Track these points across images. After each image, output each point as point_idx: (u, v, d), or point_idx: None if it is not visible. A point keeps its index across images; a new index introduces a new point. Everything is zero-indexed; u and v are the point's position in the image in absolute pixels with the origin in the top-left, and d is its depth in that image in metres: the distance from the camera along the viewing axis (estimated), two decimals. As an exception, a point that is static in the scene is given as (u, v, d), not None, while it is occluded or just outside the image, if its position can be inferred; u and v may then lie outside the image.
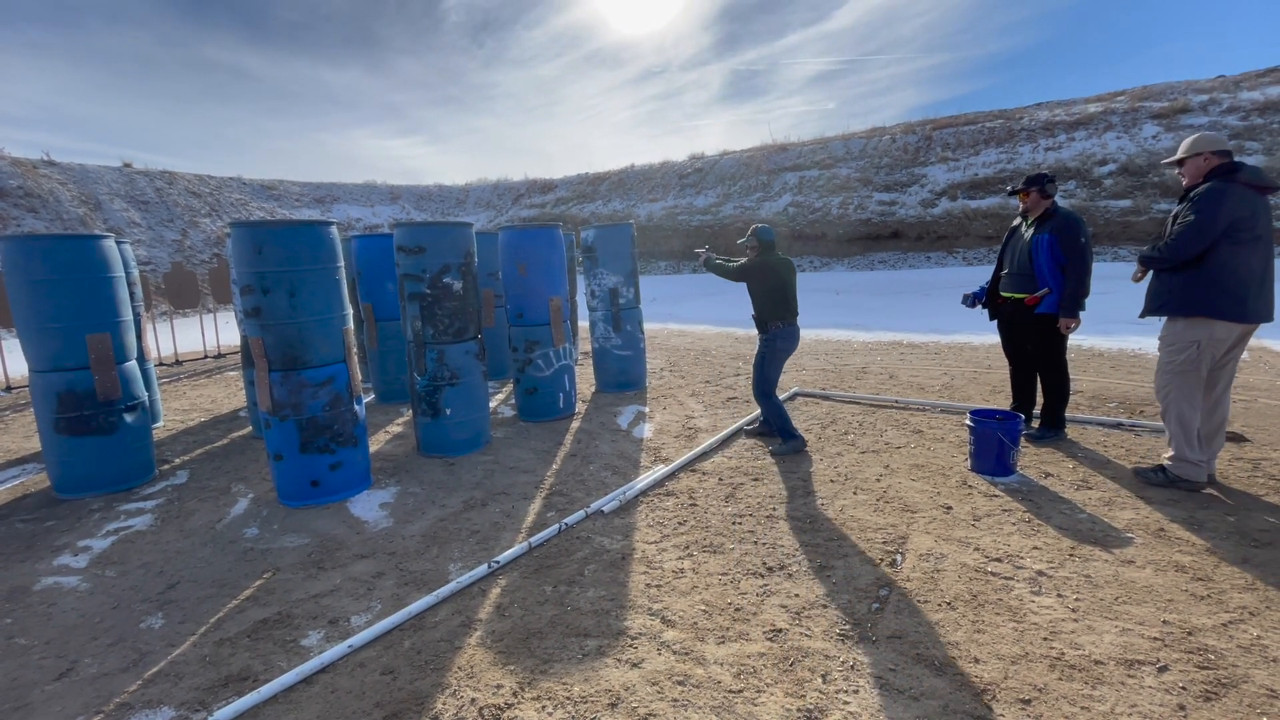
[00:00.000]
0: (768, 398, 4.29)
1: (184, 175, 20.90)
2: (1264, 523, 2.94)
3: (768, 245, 4.26)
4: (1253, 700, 1.89)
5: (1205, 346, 3.21)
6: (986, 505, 3.31)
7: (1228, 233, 3.08)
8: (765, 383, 4.27)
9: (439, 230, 4.42)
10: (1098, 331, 7.74)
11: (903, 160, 18.45)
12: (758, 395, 4.33)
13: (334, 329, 3.75)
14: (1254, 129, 13.78)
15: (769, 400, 4.29)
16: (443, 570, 2.94)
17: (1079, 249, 3.88)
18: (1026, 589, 2.53)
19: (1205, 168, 3.25)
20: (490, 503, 3.70)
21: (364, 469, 4.01)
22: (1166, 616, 2.30)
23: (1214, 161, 3.23)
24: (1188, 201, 3.23)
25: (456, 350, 4.48)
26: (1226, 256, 3.11)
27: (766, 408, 4.32)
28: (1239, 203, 3.07)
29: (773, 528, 3.19)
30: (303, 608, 2.67)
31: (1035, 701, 1.93)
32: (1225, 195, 3.09)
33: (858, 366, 6.89)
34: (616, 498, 3.58)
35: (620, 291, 6.19)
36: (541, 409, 5.40)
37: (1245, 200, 3.09)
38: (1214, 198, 3.11)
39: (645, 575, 2.80)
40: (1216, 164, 3.22)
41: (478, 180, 28.70)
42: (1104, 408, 4.89)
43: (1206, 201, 3.12)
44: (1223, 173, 3.18)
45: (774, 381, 4.28)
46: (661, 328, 10.92)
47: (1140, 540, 2.85)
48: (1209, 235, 3.10)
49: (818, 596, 2.56)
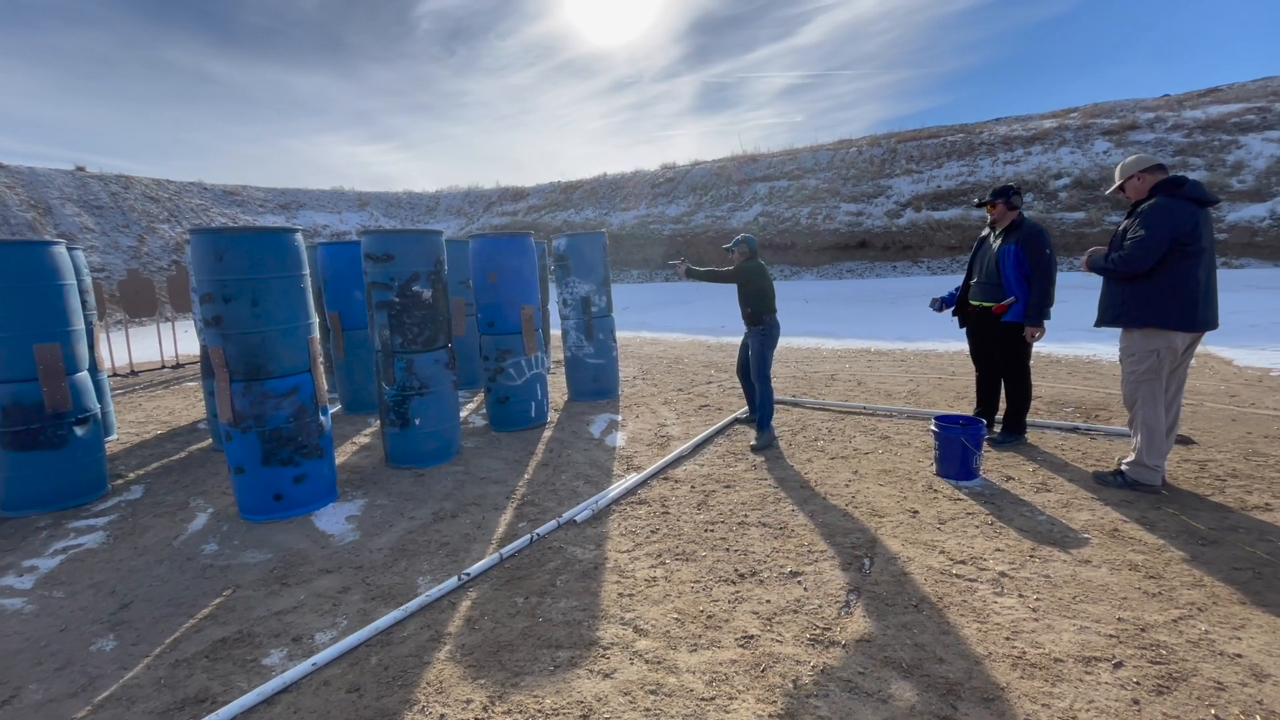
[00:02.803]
0: (768, 380, 4.72)
1: (141, 179, 20.25)
2: (1210, 521, 3.07)
3: (755, 252, 4.74)
4: (1201, 693, 1.96)
5: (1164, 354, 3.35)
6: (951, 509, 3.38)
7: (1174, 246, 3.23)
8: (766, 366, 4.72)
9: (408, 238, 4.36)
10: (1055, 339, 8.00)
11: (869, 172, 18.88)
12: (758, 378, 4.73)
13: (298, 338, 3.67)
14: (1196, 145, 14.47)
15: (768, 383, 4.71)
16: (411, 584, 2.88)
17: (1044, 259, 4.00)
18: (989, 590, 2.59)
19: (1145, 185, 3.40)
20: (460, 514, 3.65)
21: (330, 481, 3.92)
22: (1121, 614, 2.38)
23: (1151, 179, 3.39)
24: (1136, 217, 3.37)
25: (426, 359, 4.42)
26: (1174, 269, 3.25)
27: (764, 390, 4.70)
28: (1184, 217, 3.22)
29: (744, 534, 3.21)
30: (264, 625, 2.59)
31: (998, 700, 1.97)
32: (1171, 211, 3.24)
33: (827, 373, 7.00)
34: (589, 507, 3.56)
35: (593, 300, 6.19)
36: (513, 418, 5.35)
37: (1189, 214, 3.24)
38: (1161, 213, 3.25)
39: (618, 584, 2.79)
40: (1157, 180, 3.37)
41: (448, 187, 28.44)
42: (1061, 412, 5.05)
43: (1155, 217, 3.26)
44: (1167, 187, 3.33)
45: (770, 365, 4.75)
46: (634, 336, 10.95)
47: (1096, 540, 2.95)
48: (1158, 250, 3.24)
49: (788, 602, 2.58)
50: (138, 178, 20.21)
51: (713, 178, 21.55)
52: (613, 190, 23.60)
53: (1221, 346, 6.94)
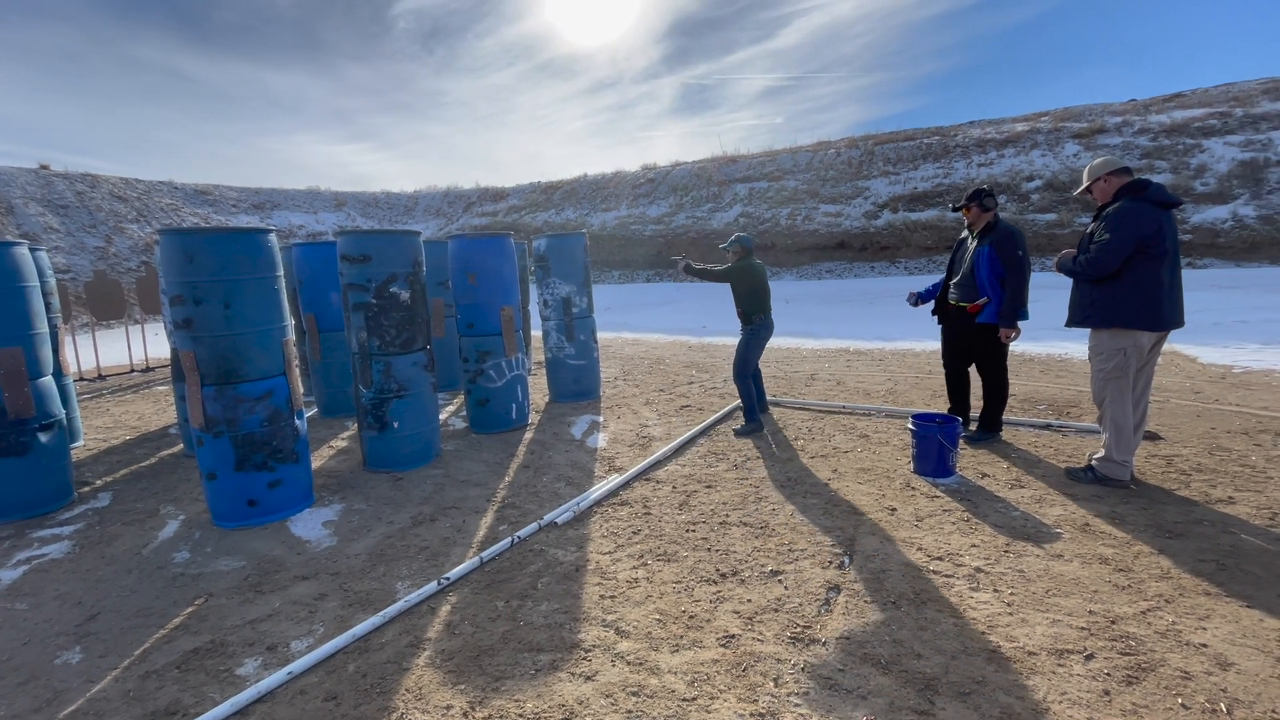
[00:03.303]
0: (744, 378, 4.88)
1: (108, 178, 19.73)
2: (1176, 515, 3.15)
3: (749, 251, 4.91)
4: (1169, 683, 2.01)
5: (1130, 353, 3.44)
6: (928, 506, 3.43)
7: (1139, 249, 3.32)
8: (745, 364, 4.88)
9: (385, 238, 4.31)
10: (1028, 338, 8.17)
11: (847, 173, 19.10)
12: (736, 375, 4.90)
13: (273, 341, 3.60)
14: (1162, 149, 14.89)
15: (744, 380, 4.88)
16: (390, 589, 2.85)
17: (1016, 261, 4.07)
18: (965, 585, 2.63)
19: (1112, 187, 3.49)
20: (440, 518, 3.62)
21: (306, 486, 3.86)
22: (1092, 607, 2.44)
23: (1117, 182, 3.47)
24: (1102, 220, 3.46)
25: (404, 361, 4.37)
26: (1140, 271, 3.34)
27: (741, 386, 4.88)
28: (1148, 220, 3.31)
29: (726, 534, 3.23)
30: (238, 634, 2.54)
31: (974, 694, 2.01)
32: (1135, 215, 3.32)
33: (807, 373, 7.06)
34: (570, 509, 3.55)
35: (573, 301, 6.17)
36: (494, 420, 5.31)
37: (1153, 217, 3.32)
38: (1125, 217, 3.34)
39: (599, 586, 2.78)
40: (1122, 183, 3.46)
41: (427, 188, 28.18)
42: (1034, 410, 5.16)
43: (1119, 221, 3.35)
44: (1131, 191, 3.41)
45: (753, 364, 4.93)
46: (615, 337, 10.94)
47: (1068, 535, 3.01)
48: (1123, 253, 3.33)
49: (769, 601, 2.60)
50: (105, 176, 19.70)
51: (693, 179, 21.63)
52: (594, 191, 23.57)
53: (1186, 345, 7.14)
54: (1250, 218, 12.78)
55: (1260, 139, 13.87)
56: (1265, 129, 14.05)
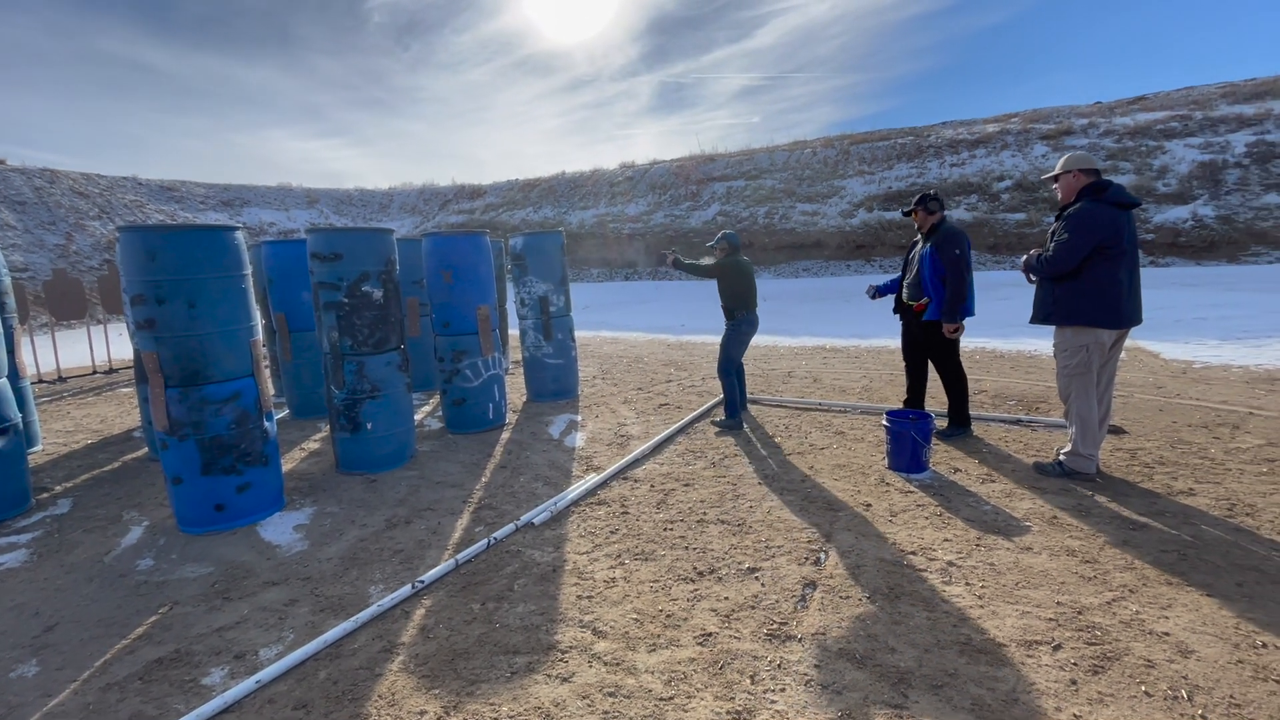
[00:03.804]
0: (728, 374, 4.98)
1: (68, 174, 19.10)
2: (1140, 507, 3.24)
3: (736, 248, 5.02)
4: (1133, 671, 2.07)
5: (1092, 349, 3.53)
6: (902, 501, 3.48)
7: (1098, 249, 3.40)
8: (728, 360, 4.97)
9: (357, 236, 4.23)
10: (998, 335, 8.34)
11: (823, 173, 19.29)
12: (720, 370, 5.00)
13: (240, 341, 3.52)
14: (1126, 150, 15.30)
15: (728, 376, 4.98)
16: (363, 593, 2.80)
17: (954, 260, 4.23)
18: (938, 579, 2.67)
19: (1076, 185, 3.58)
20: (415, 520, 3.56)
21: (276, 490, 3.77)
22: (1060, 598, 2.49)
23: (1083, 180, 3.56)
24: (1062, 220, 3.55)
25: (377, 361, 4.30)
26: (1099, 270, 3.43)
27: (725, 381, 4.98)
28: (1106, 221, 3.40)
29: (703, 532, 3.23)
30: (204, 643, 2.47)
31: (946, 686, 2.04)
32: (1094, 215, 3.41)
33: (784, 371, 7.12)
34: (547, 509, 3.53)
35: (551, 299, 6.13)
36: (470, 420, 5.26)
37: (1111, 218, 3.41)
38: (1084, 218, 3.42)
39: (576, 587, 2.76)
40: (1086, 182, 3.55)
41: (403, 185, 27.81)
42: (1005, 405, 5.26)
43: (1078, 222, 3.43)
44: (1092, 191, 3.50)
45: (736, 360, 5.02)
46: (594, 335, 10.91)
47: (1037, 528, 3.08)
48: (1081, 252, 3.41)
49: (746, 598, 2.61)
50: (65, 172, 19.06)
51: (671, 177, 21.66)
52: (571, 189, 23.47)
53: (1149, 341, 7.35)
54: (1209, 218, 13.20)
55: (1219, 141, 14.33)
56: (1223, 131, 14.53)
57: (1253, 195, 13.10)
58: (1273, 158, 13.38)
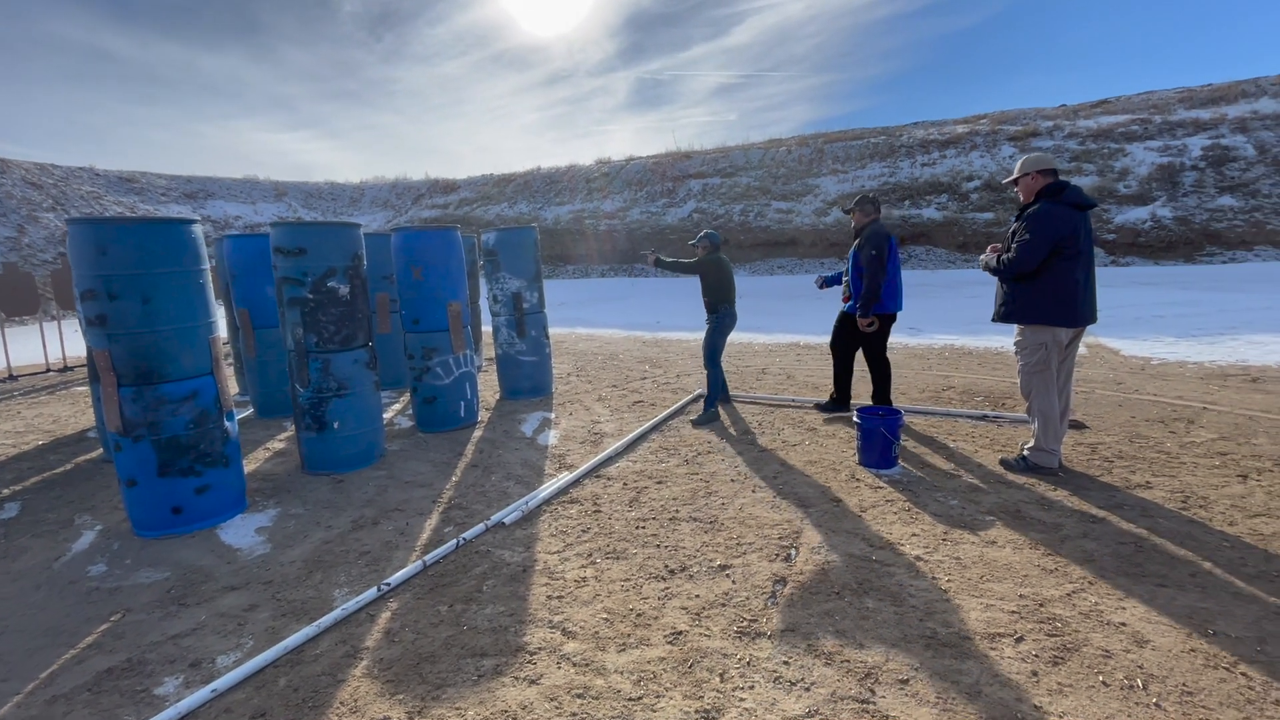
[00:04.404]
0: (715, 364, 5.14)
1: (20, 164, 18.33)
2: (1099, 500, 3.32)
3: (717, 246, 5.21)
4: (1091, 661, 2.11)
5: (1051, 347, 3.61)
6: (872, 497, 3.52)
7: (1055, 249, 3.48)
8: (714, 350, 5.14)
9: (322, 231, 4.13)
10: (967, 332, 8.51)
11: (798, 171, 19.45)
12: (707, 362, 5.16)
13: (198, 338, 3.40)
14: (1089, 152, 15.72)
15: (715, 367, 5.15)
16: (326, 597, 2.73)
17: (870, 260, 4.57)
18: (905, 574, 2.71)
19: (1035, 186, 3.65)
20: (382, 521, 3.49)
21: (237, 491, 3.67)
22: (1022, 590, 2.54)
23: (1041, 181, 3.63)
24: (1023, 221, 3.61)
25: (344, 359, 4.20)
26: (1057, 270, 3.51)
27: (711, 372, 5.15)
28: (1063, 222, 3.47)
29: (675, 530, 3.23)
30: (158, 651, 2.39)
31: (912, 680, 2.06)
32: (1053, 216, 3.48)
33: (758, 368, 7.16)
34: (518, 508, 3.49)
35: (524, 296, 6.07)
36: (441, 419, 5.18)
37: (1069, 219, 3.49)
38: (1042, 220, 3.49)
39: (546, 587, 2.73)
40: (1044, 184, 3.62)
41: (374, 178, 27.30)
42: (972, 401, 5.36)
43: (1036, 223, 3.50)
44: (1050, 193, 3.57)
45: (720, 350, 5.17)
46: (569, 332, 10.84)
47: (1001, 522, 3.14)
48: (1041, 253, 3.49)
49: (717, 596, 2.61)
50: (16, 162, 18.29)
51: (648, 174, 21.63)
52: (547, 184, 23.30)
53: (1110, 338, 7.56)
54: (1167, 218, 13.64)
55: (1176, 144, 14.81)
56: (1181, 135, 15.01)
57: (1208, 197, 13.57)
58: (1227, 161, 13.87)
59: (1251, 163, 13.74)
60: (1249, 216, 13.02)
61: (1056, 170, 3.67)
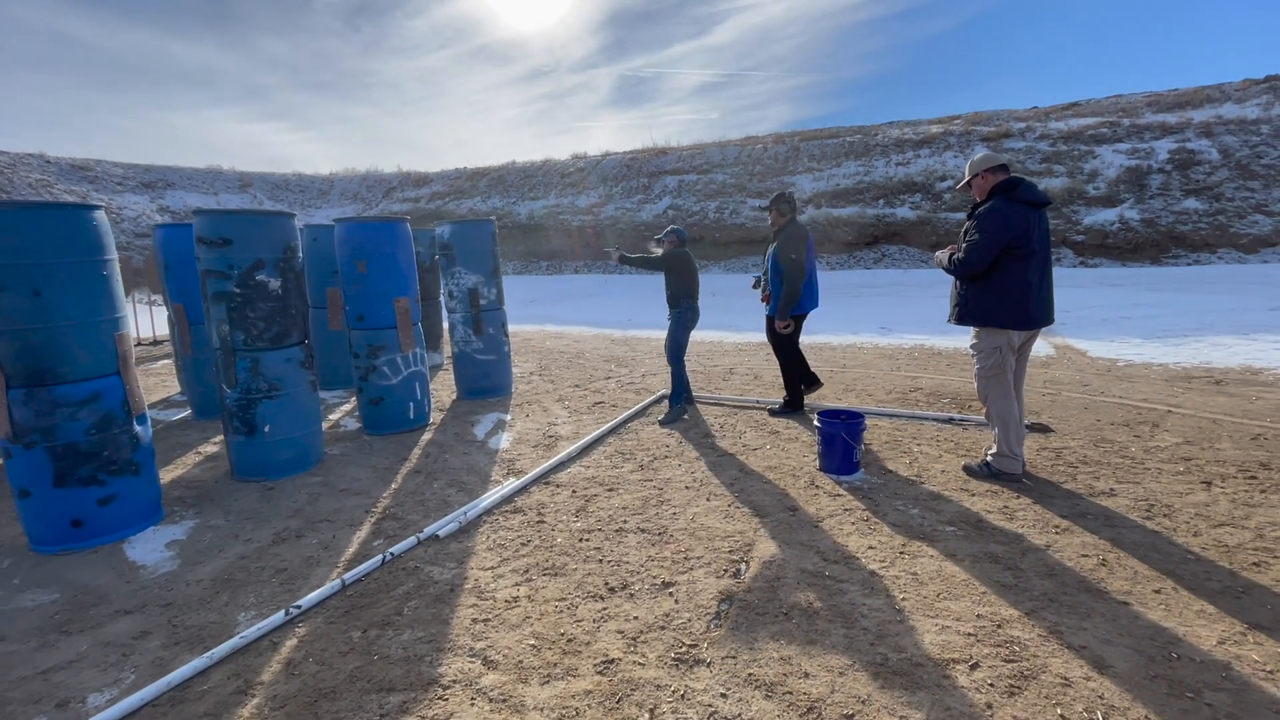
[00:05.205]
0: (678, 362, 5.07)
1: (-36, 149, 17.46)
2: (1063, 508, 3.20)
3: (683, 241, 5.14)
4: (1049, 691, 1.96)
5: (1005, 350, 3.49)
6: (830, 505, 3.36)
7: (1008, 249, 3.34)
8: (678, 348, 5.06)
9: (249, 220, 3.84)
10: (936, 333, 8.44)
11: (774, 169, 19.36)
12: (671, 359, 5.08)
13: (101, 335, 3.11)
14: (1059, 154, 15.85)
15: (680, 364, 5.08)
16: (229, 622, 2.48)
17: (788, 262, 4.54)
18: (859, 591, 2.54)
19: (987, 185, 3.50)
20: (308, 533, 3.24)
21: (150, 501, 3.38)
22: (980, 609, 2.39)
23: (993, 179, 3.48)
24: (974, 219, 3.47)
25: (275, 357, 3.93)
26: (1008, 271, 3.37)
27: (676, 368, 5.08)
28: (1016, 220, 3.32)
29: (621, 542, 3.03)
30: (22, 690, 2.12)
31: (857, 715, 1.89)
32: (1004, 214, 3.34)
33: (725, 367, 6.99)
34: (455, 519, 3.25)
35: (481, 292, 5.82)
36: (389, 420, 4.92)
37: (1021, 217, 3.34)
38: (994, 217, 3.35)
39: (473, 608, 2.52)
40: (996, 180, 3.47)
41: (345, 171, 26.61)
42: (939, 403, 5.25)
43: (987, 222, 3.36)
44: (1003, 189, 3.43)
45: (684, 347, 5.08)
46: (538, 329, 10.59)
47: (962, 533, 2.99)
48: (991, 253, 3.35)
49: (657, 618, 2.42)
50: (-41, 146, 17.41)
51: (623, 169, 21.38)
52: (522, 179, 22.92)
53: (1078, 339, 7.54)
54: (1134, 220, 13.80)
55: (1144, 147, 14.99)
56: (1148, 138, 15.20)
57: (1174, 200, 13.75)
58: (1192, 165, 14.07)
59: (1216, 166, 13.95)
60: (1213, 220, 13.22)
61: (1008, 166, 3.53)
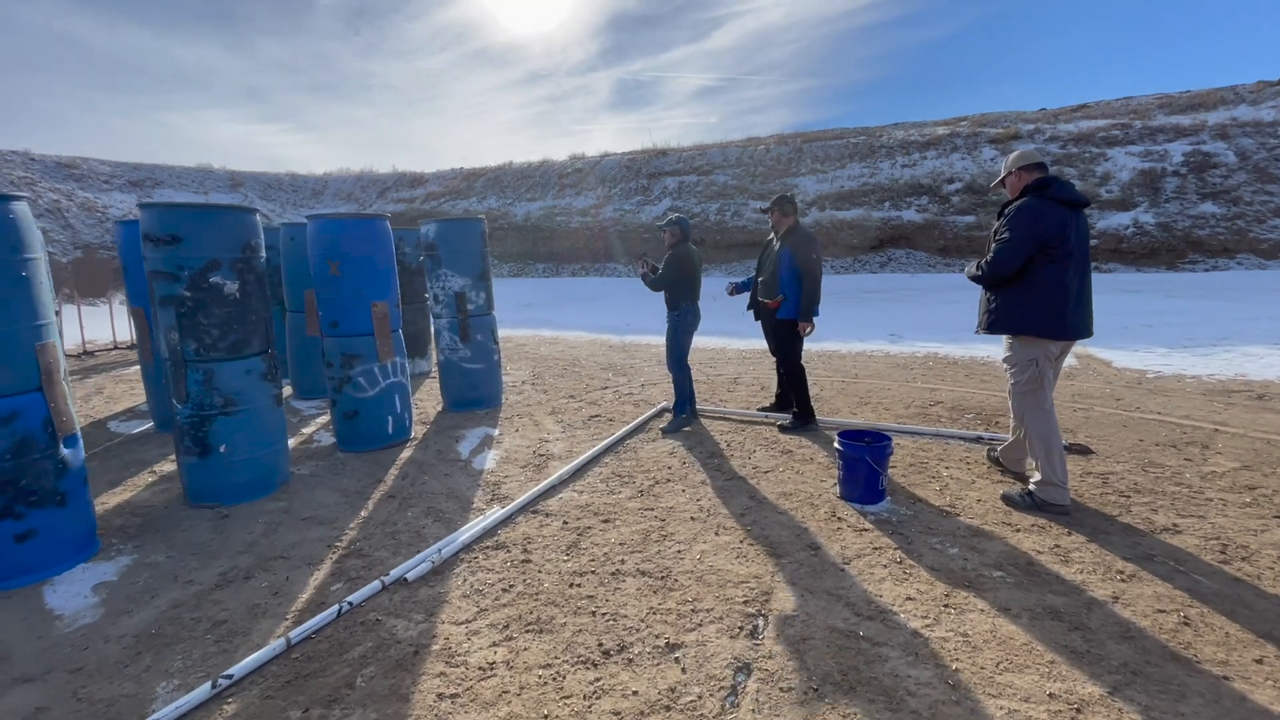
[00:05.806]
0: (681, 368, 4.77)
1: (-54, 145, 17.03)
2: (1123, 549, 2.80)
3: (687, 234, 4.75)
4: (1158, 809, 1.55)
5: (1043, 363, 3.16)
6: (856, 543, 2.95)
7: (1042, 250, 3.02)
8: (680, 352, 4.75)
9: (201, 215, 3.44)
10: (950, 340, 8.04)
11: (776, 170, 19.00)
12: (672, 364, 4.78)
13: (17, 346, 2.69)
14: (1070, 156, 15.50)
15: (683, 370, 4.77)
16: (146, 695, 2.06)
17: (809, 263, 4.32)
18: (901, 658, 2.13)
19: (1020, 183, 3.21)
20: (257, 573, 2.82)
21: (80, 534, 2.96)
22: (1051, 686, 1.98)
23: (1027, 177, 3.19)
24: (1004, 218, 3.17)
25: (232, 369, 3.51)
26: (1044, 274, 3.04)
27: (678, 375, 4.77)
28: (1049, 219, 3.01)
29: (618, 589, 2.62)
30: None
31: (919, 846, 1.47)
32: (1035, 212, 3.03)
33: (730, 377, 6.59)
34: (427, 559, 2.84)
35: (469, 296, 5.41)
36: (365, 436, 4.50)
37: (1056, 215, 3.02)
38: (1025, 215, 3.04)
39: (440, 678, 2.10)
40: (1030, 179, 3.17)
41: (339, 170, 26.22)
42: (963, 419, 4.85)
43: (1018, 219, 3.05)
44: (1036, 188, 3.12)
45: (686, 351, 4.77)
46: (533, 335, 10.18)
47: (1013, 579, 2.58)
48: (1023, 252, 3.04)
49: (660, 693, 2.00)
50: (-58, 143, 16.98)
51: (622, 170, 21.00)
52: (519, 180, 22.53)
53: (1100, 348, 7.15)
54: (1150, 224, 13.44)
55: (1158, 150, 14.64)
56: (1162, 140, 14.86)
57: (1190, 204, 13.39)
58: (1208, 168, 13.72)
59: (1233, 169, 13.60)
60: (1231, 224, 12.86)
61: (1045, 165, 3.20)
